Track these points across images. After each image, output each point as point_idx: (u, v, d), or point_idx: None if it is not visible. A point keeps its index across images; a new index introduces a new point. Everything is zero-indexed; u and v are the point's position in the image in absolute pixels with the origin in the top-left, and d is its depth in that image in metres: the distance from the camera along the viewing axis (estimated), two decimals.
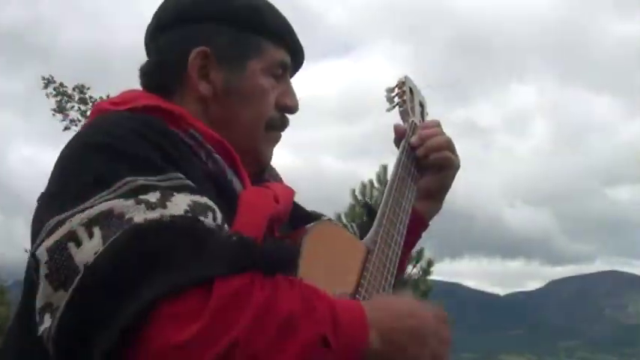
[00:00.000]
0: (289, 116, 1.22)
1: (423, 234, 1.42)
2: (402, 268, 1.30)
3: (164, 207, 0.84)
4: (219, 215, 0.90)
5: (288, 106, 1.18)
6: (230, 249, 0.84)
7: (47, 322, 0.81)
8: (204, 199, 0.89)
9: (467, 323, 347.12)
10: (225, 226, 0.91)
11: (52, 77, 11.47)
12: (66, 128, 11.43)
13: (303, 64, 1.27)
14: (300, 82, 1.24)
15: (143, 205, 0.83)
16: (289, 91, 1.19)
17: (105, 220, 0.82)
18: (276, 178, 1.26)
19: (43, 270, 0.83)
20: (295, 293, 0.84)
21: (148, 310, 0.76)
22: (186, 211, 0.85)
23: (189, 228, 0.83)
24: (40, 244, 0.85)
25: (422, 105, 1.49)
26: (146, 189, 0.85)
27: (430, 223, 1.41)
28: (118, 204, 0.83)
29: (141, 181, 0.86)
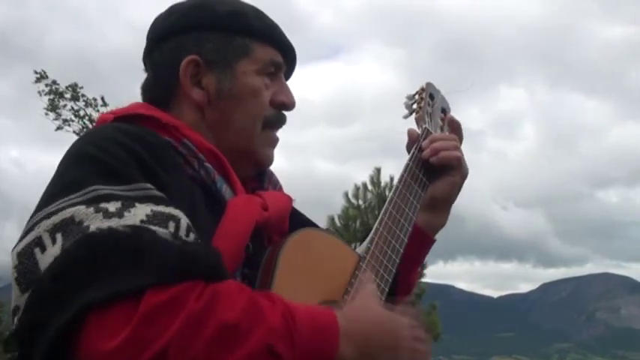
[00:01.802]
0: (286, 113, 1.23)
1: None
2: (410, 284, 1.29)
3: (120, 216, 0.86)
4: (184, 224, 0.91)
5: (283, 102, 1.19)
6: (169, 258, 0.84)
7: (16, 324, 0.86)
8: (169, 209, 0.90)
9: (460, 325, 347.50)
10: (192, 234, 0.91)
11: (45, 72, 11.31)
12: (58, 128, 11.35)
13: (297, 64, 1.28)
14: (290, 85, 1.24)
15: (101, 214, 0.86)
16: (284, 88, 1.20)
17: (66, 226, 0.86)
18: (276, 186, 1.26)
19: (13, 274, 0.87)
20: (241, 301, 0.84)
21: (77, 318, 0.78)
22: (142, 221, 0.87)
23: (134, 238, 0.84)
24: (13, 249, 0.89)
25: (444, 111, 1.46)
26: (108, 198, 0.88)
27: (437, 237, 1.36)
28: (80, 211, 0.87)
29: (105, 190, 0.89)
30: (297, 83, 1.23)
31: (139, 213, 0.87)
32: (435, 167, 1.28)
